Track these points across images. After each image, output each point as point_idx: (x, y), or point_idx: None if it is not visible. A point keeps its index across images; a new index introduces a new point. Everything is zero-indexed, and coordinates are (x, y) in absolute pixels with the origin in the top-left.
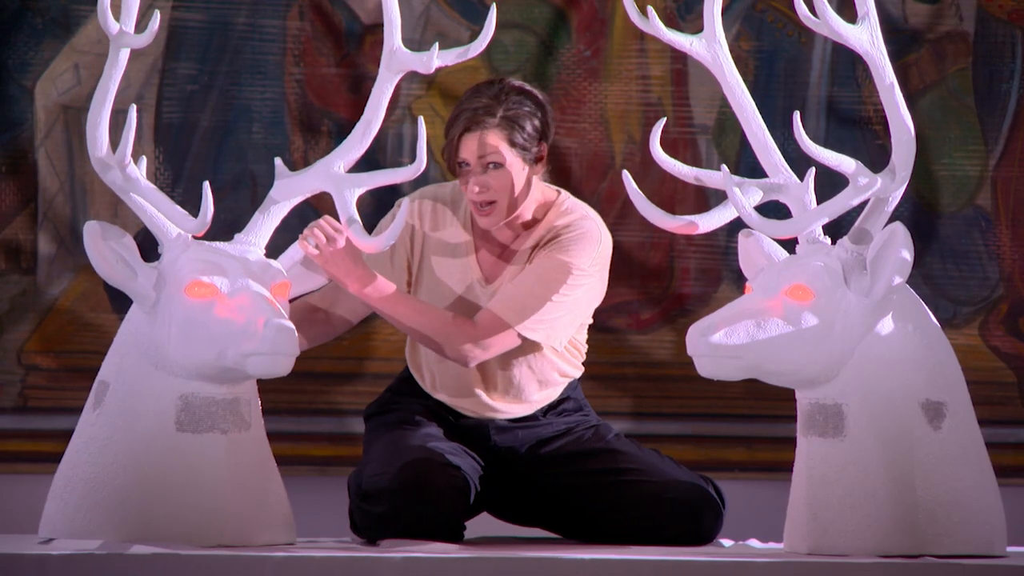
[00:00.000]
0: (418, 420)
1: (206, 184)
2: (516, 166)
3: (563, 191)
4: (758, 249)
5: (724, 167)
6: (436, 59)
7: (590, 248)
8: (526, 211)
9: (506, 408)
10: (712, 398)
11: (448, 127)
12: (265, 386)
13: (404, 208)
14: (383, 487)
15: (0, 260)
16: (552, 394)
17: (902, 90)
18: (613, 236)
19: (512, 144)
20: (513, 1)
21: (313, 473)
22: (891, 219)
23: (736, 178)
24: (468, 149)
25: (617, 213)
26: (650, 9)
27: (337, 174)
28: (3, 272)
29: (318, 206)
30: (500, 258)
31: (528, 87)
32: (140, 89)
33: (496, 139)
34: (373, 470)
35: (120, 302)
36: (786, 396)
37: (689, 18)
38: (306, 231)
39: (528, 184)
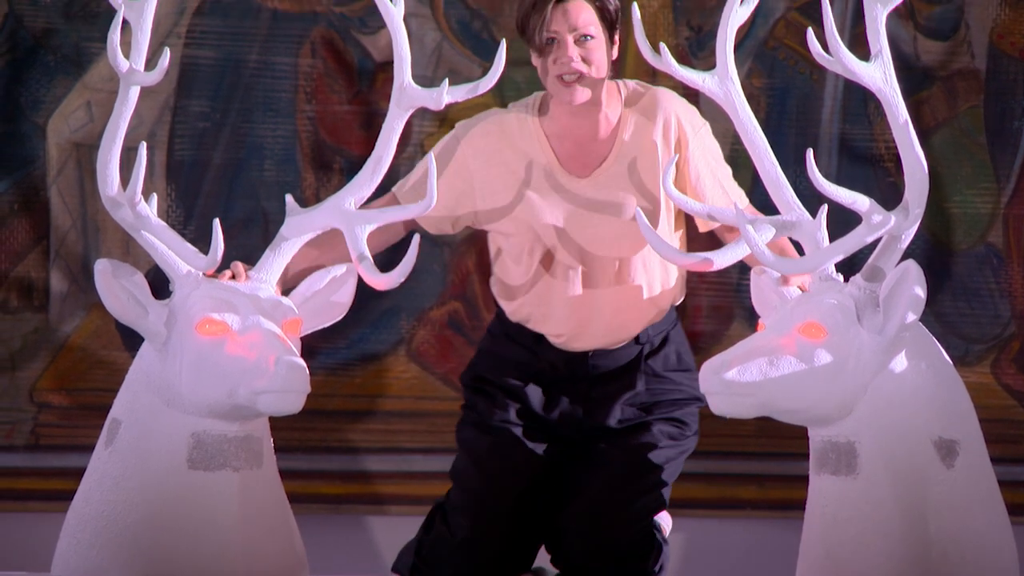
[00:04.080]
0: (507, 433)
1: (216, 222)
2: (604, 42)
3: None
4: (771, 286)
5: (736, 203)
6: (446, 95)
7: (684, 104)
8: (601, 96)
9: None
10: (724, 435)
11: (532, 4)
12: (277, 423)
13: (415, 244)
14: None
15: (12, 297)
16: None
17: (914, 127)
18: None
19: (603, 18)
20: None
21: (325, 511)
22: (904, 256)
23: (749, 215)
24: (560, 21)
25: None
26: (662, 46)
27: (348, 211)
28: (16, 309)
29: None
30: (585, 150)
31: None
32: (152, 126)
33: (590, 11)
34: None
35: (132, 340)
36: (798, 434)
37: (701, 55)
38: None
39: (608, 67)
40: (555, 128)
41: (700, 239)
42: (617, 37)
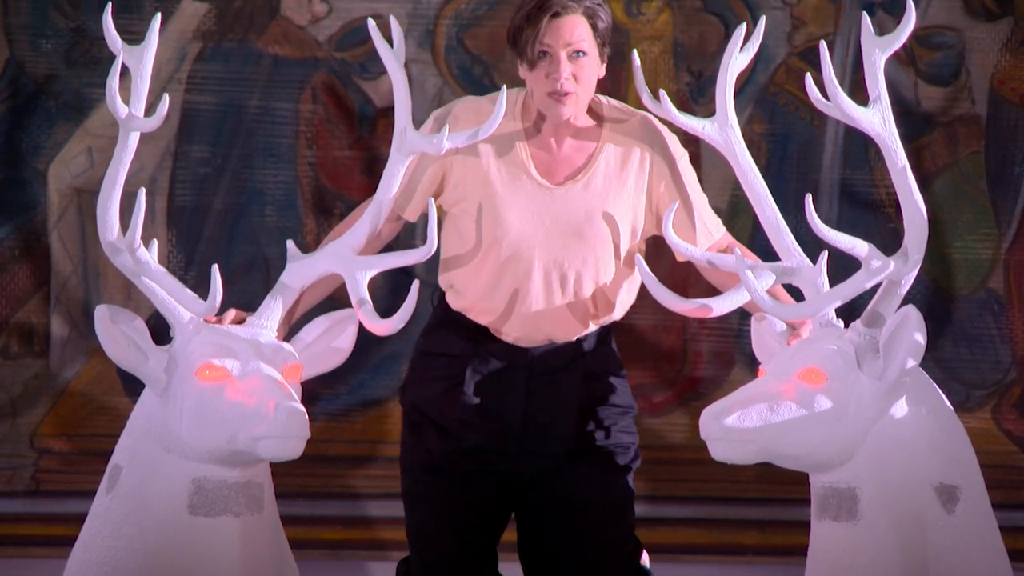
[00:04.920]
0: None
1: (215, 267)
2: (595, 59)
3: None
4: (771, 333)
5: (737, 251)
6: (446, 141)
7: (665, 131)
8: (585, 111)
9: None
10: (725, 481)
11: (525, 16)
12: (278, 469)
13: (414, 289)
14: None
15: (13, 343)
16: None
17: (915, 173)
18: (626, 319)
19: (595, 35)
20: None
21: (327, 557)
22: (904, 302)
23: (749, 261)
24: (555, 36)
25: None
26: (662, 92)
27: (348, 256)
28: (17, 355)
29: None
30: (562, 159)
31: None
32: (153, 172)
33: (583, 27)
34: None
35: (133, 385)
36: (799, 480)
37: (702, 100)
38: None
39: (595, 84)
40: (535, 133)
41: (701, 284)
42: (607, 54)
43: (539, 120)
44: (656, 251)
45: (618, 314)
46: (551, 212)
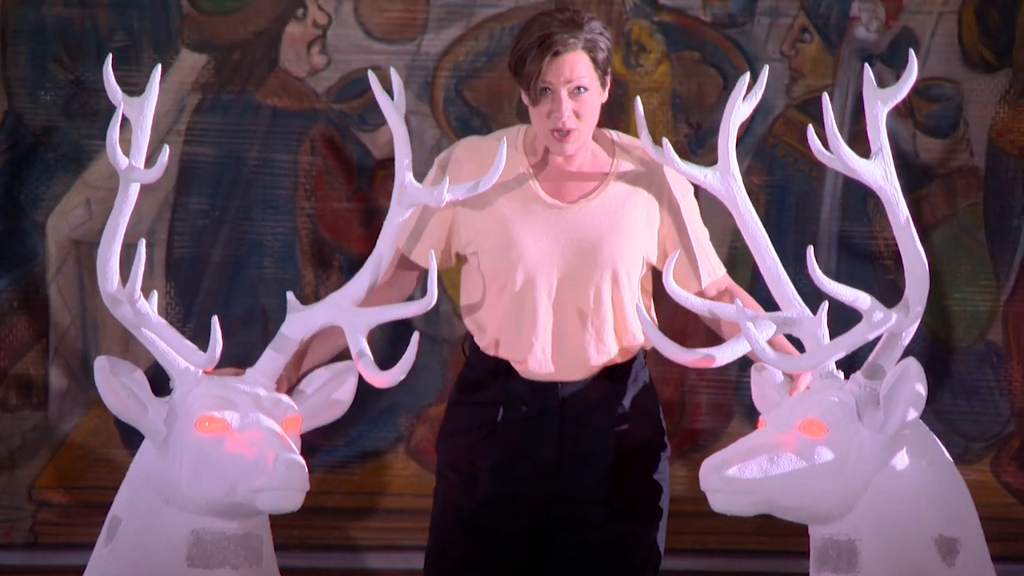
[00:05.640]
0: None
1: (215, 319)
2: (597, 90)
3: None
4: (771, 383)
5: (738, 301)
6: (447, 193)
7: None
8: (590, 140)
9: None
10: (725, 533)
11: (523, 53)
12: (277, 521)
13: (414, 341)
14: None
15: (12, 395)
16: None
17: (914, 224)
18: None
19: (596, 68)
20: None
21: None
22: (904, 354)
23: (750, 312)
24: (556, 74)
25: None
26: (665, 141)
27: (348, 308)
28: (15, 407)
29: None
30: (571, 184)
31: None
32: (152, 223)
33: (584, 62)
34: None
35: (131, 437)
36: (799, 532)
37: (700, 152)
38: None
39: (598, 114)
40: (541, 162)
41: (699, 335)
42: (608, 80)
43: (545, 155)
44: (656, 300)
45: (642, 337)
46: (565, 231)
